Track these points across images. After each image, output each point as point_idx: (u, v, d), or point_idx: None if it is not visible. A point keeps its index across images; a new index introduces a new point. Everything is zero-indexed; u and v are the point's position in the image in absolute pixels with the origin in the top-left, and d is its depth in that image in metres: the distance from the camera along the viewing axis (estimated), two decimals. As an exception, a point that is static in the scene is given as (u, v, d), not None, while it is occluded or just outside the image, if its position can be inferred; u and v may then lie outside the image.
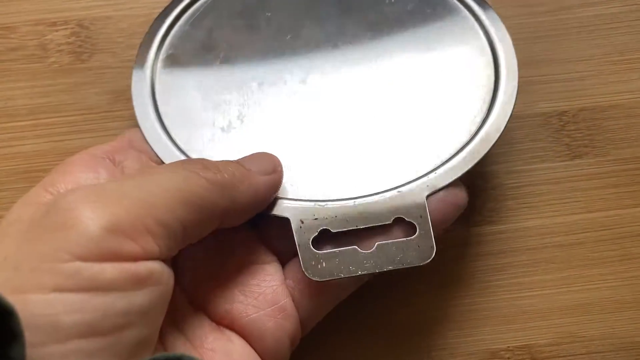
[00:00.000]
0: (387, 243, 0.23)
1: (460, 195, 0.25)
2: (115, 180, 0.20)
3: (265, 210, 0.24)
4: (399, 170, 0.25)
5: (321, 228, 0.23)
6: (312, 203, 0.24)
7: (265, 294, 0.23)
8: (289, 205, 0.24)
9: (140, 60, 0.27)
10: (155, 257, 0.18)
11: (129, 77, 0.27)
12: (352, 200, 0.24)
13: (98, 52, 0.29)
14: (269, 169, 0.23)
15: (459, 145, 0.25)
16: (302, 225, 0.24)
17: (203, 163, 0.21)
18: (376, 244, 0.23)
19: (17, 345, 0.15)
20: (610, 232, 0.28)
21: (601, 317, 0.27)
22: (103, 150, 0.23)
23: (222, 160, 0.23)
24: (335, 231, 0.23)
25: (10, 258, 0.17)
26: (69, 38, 0.29)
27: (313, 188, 0.25)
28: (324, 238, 0.23)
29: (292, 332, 0.23)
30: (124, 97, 0.29)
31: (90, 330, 0.16)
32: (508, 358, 0.27)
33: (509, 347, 0.27)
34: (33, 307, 0.16)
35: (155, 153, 0.25)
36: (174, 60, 0.27)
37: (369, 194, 0.24)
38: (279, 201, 0.24)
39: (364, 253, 0.23)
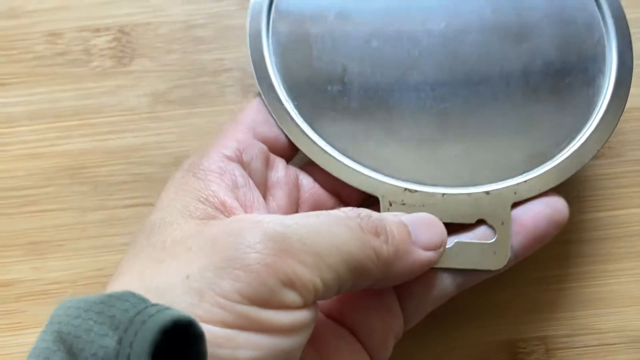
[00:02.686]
0: (466, 242, 0.24)
1: (559, 210, 0.25)
2: (297, 222, 0.20)
3: (358, 185, 0.25)
4: (491, 166, 0.25)
5: None
6: (403, 188, 0.25)
7: (372, 295, 0.24)
8: (381, 184, 0.25)
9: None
10: (310, 306, 0.20)
11: (169, 80, 0.28)
12: (441, 194, 0.25)
13: (138, 56, 0.31)
14: (433, 244, 0.23)
15: (556, 152, 0.25)
16: (389, 207, 0.25)
17: (376, 226, 0.22)
18: (455, 241, 0.24)
19: None
20: (626, 230, 0.29)
21: (615, 311, 0.29)
22: (232, 149, 0.24)
23: (391, 220, 0.23)
24: None
25: (193, 279, 0.19)
26: (111, 43, 0.31)
27: (407, 169, 0.25)
28: None
29: (396, 329, 0.24)
30: (163, 99, 0.30)
31: None
32: (524, 348, 0.28)
33: (524, 337, 0.28)
34: (215, 338, 0.18)
35: (287, 137, 0.26)
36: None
37: (458, 190, 0.25)
38: (373, 176, 0.25)
39: None
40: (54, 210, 0.30)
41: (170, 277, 0.19)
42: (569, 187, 0.28)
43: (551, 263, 0.29)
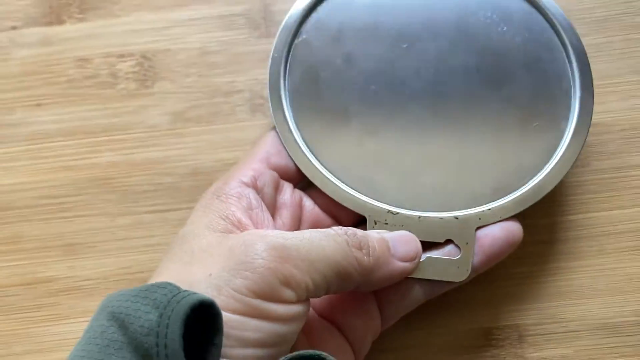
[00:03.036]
0: (436, 258, 0.28)
1: (513, 233, 0.29)
2: (295, 237, 0.25)
3: (349, 205, 0.29)
4: (461, 196, 0.29)
5: None
6: (387, 210, 0.29)
7: (356, 300, 0.29)
8: (369, 205, 0.29)
9: (279, 46, 0.31)
10: (303, 302, 0.24)
11: (187, 100, 0.32)
12: (418, 216, 0.29)
13: (159, 79, 0.34)
14: (410, 256, 0.28)
15: (518, 187, 0.29)
16: (374, 225, 0.29)
17: (360, 241, 0.26)
18: (426, 256, 0.28)
19: (218, 336, 0.21)
20: (588, 231, 0.33)
21: (579, 302, 0.32)
22: (249, 177, 0.28)
23: (374, 236, 0.27)
24: None
25: (214, 277, 0.23)
26: (135, 68, 0.34)
27: (391, 195, 0.30)
28: None
29: (374, 329, 0.29)
30: (182, 117, 0.34)
31: (261, 344, 0.23)
32: (499, 334, 0.32)
33: (499, 325, 0.32)
34: (229, 322, 0.22)
35: (295, 164, 0.30)
36: (307, 46, 0.31)
37: (432, 214, 0.29)
38: (363, 199, 0.29)
39: None
40: (87, 215, 0.33)
41: (197, 275, 0.24)
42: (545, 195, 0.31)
43: (526, 260, 0.32)
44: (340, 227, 0.27)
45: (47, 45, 0.35)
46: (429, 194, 0.30)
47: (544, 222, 0.33)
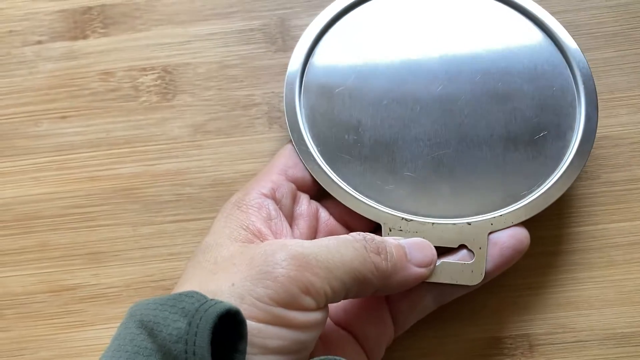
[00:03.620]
0: (450, 262, 0.29)
1: (521, 241, 0.30)
2: (314, 245, 0.26)
3: (364, 213, 0.30)
4: (473, 203, 0.30)
5: None
6: (401, 217, 0.30)
7: (370, 309, 0.30)
8: (383, 213, 0.30)
9: (295, 60, 0.32)
10: (322, 309, 0.25)
11: (206, 113, 0.33)
12: (432, 223, 0.30)
13: (180, 92, 0.35)
14: (425, 262, 0.29)
15: (528, 194, 0.30)
16: (389, 232, 0.30)
17: (378, 246, 0.27)
18: (441, 261, 0.29)
19: (243, 343, 0.22)
20: (598, 243, 0.33)
21: (588, 312, 0.33)
22: (268, 188, 0.30)
23: (391, 242, 0.28)
24: None
25: (236, 286, 0.24)
26: (156, 81, 0.35)
27: (404, 203, 0.31)
28: None
29: (388, 336, 0.30)
30: (202, 129, 0.35)
31: (283, 351, 0.24)
32: (510, 344, 0.32)
33: (511, 335, 0.33)
34: (251, 330, 0.23)
35: (311, 175, 0.31)
36: (321, 65, 0.32)
37: (446, 220, 0.30)
38: (377, 207, 0.30)
39: None
40: (110, 225, 0.34)
41: (220, 285, 0.25)
42: (555, 205, 0.31)
43: (537, 270, 0.33)
44: (359, 232, 0.27)
45: (72, 59, 0.36)
46: (442, 202, 0.31)
47: (555, 233, 0.34)
